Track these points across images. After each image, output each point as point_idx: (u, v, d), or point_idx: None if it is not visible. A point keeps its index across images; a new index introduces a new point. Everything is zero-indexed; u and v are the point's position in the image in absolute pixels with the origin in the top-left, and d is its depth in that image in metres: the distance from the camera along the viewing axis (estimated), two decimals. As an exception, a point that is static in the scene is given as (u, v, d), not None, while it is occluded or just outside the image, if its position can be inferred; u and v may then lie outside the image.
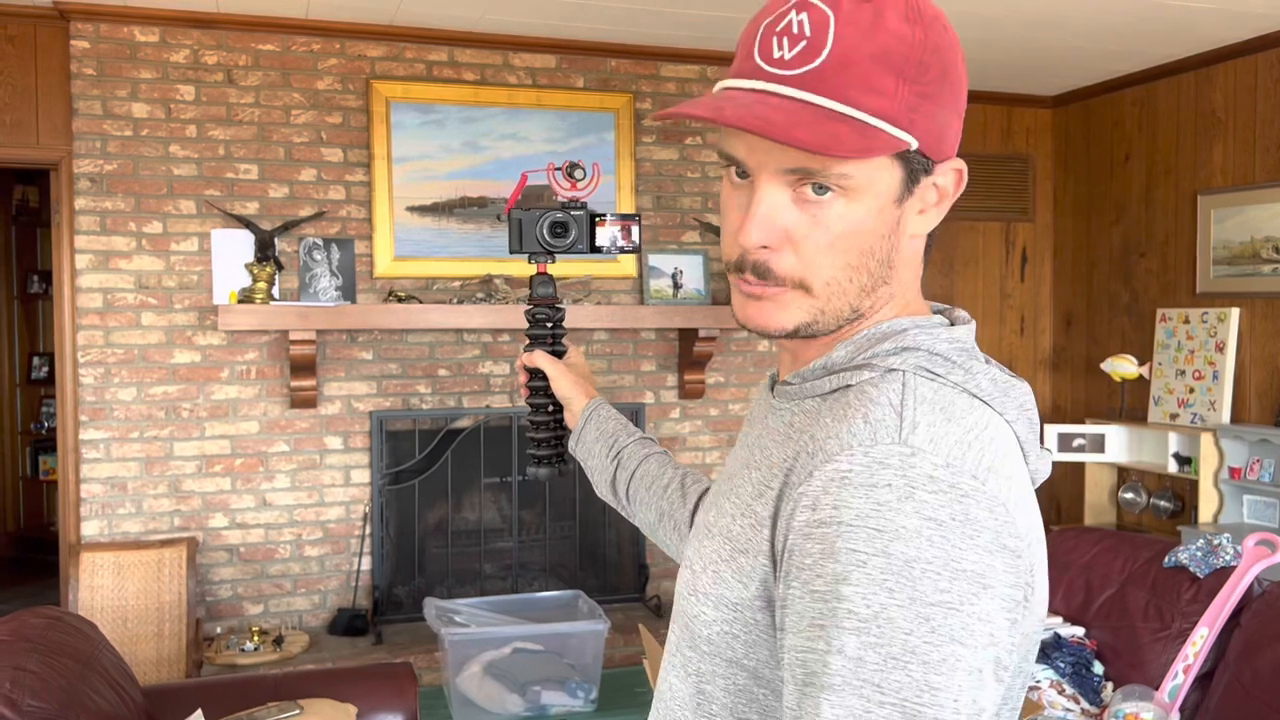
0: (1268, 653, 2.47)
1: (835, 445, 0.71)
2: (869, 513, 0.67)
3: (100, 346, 3.74)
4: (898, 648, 0.65)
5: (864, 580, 0.66)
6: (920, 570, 0.66)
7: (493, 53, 4.11)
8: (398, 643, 3.81)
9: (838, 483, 0.69)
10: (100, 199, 3.73)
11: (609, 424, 1.30)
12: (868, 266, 0.78)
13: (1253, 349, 4.19)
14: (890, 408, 0.72)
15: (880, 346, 0.78)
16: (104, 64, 3.71)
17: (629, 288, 4.29)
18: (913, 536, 0.66)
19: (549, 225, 1.29)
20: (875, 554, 0.66)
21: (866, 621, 0.65)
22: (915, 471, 0.68)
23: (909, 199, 0.78)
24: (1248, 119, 4.21)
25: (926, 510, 0.67)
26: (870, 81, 0.72)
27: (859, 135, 0.72)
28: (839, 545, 0.67)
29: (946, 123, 0.77)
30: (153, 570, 3.64)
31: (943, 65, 0.75)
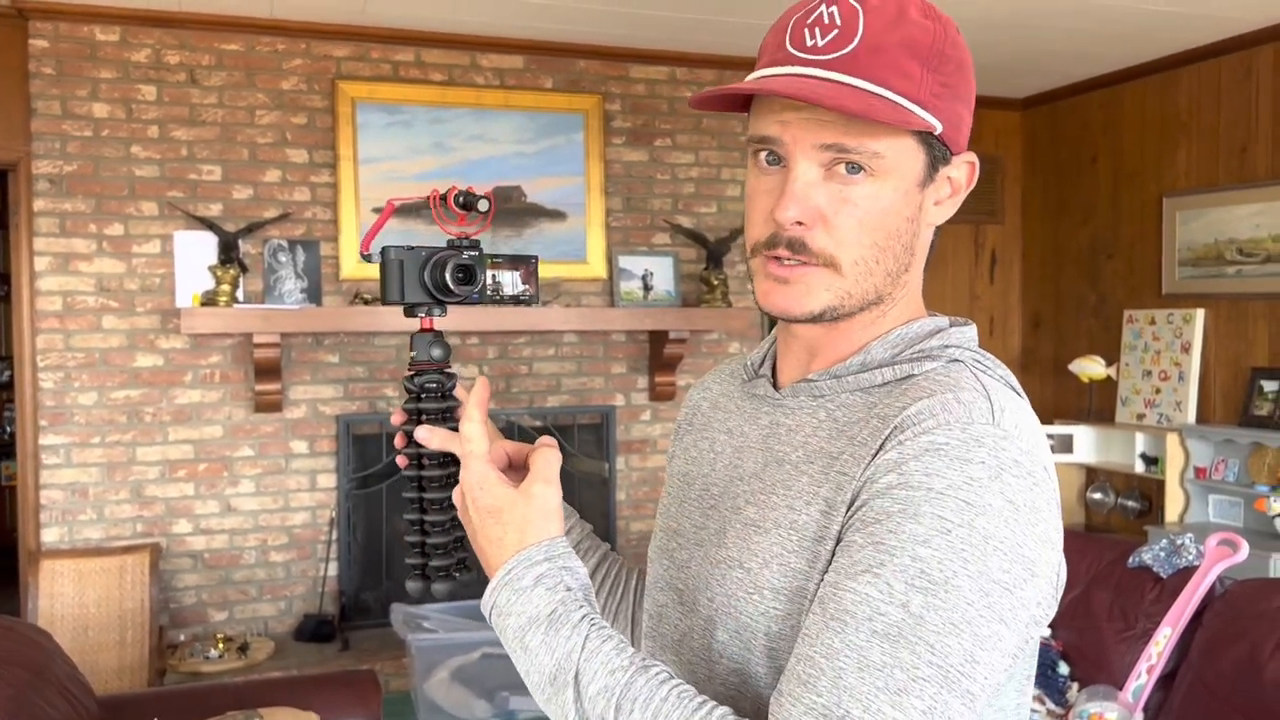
0: (1229, 652, 2.49)
1: (930, 421, 0.74)
2: (961, 484, 0.71)
3: (60, 350, 3.68)
4: (959, 615, 0.69)
5: (944, 546, 0.69)
6: (993, 548, 0.70)
7: (460, 53, 4.08)
8: (365, 649, 3.78)
9: (931, 452, 0.72)
10: (60, 200, 3.67)
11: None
12: (893, 250, 0.81)
13: (1217, 350, 4.23)
14: (977, 392, 0.77)
15: (927, 343, 0.82)
16: (63, 63, 3.66)
17: (599, 290, 4.28)
18: (995, 515, 0.71)
19: (453, 269, 1.01)
20: (961, 525, 0.70)
21: (936, 584, 0.69)
22: (1005, 454, 0.73)
23: (930, 186, 0.82)
24: (1211, 122, 4.24)
25: (1009, 492, 0.72)
26: (899, 66, 0.78)
27: (894, 110, 0.77)
28: (925, 509, 0.70)
29: (962, 115, 0.82)
30: (114, 577, 3.59)
31: (959, 59, 0.81)
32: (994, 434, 0.73)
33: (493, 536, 0.84)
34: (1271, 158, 4.01)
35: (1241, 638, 2.48)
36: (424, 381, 1.02)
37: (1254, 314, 4.09)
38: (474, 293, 1.03)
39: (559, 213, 4.21)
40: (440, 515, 1.02)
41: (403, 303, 1.03)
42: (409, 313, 1.04)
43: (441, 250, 1.02)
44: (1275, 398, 3.93)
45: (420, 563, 1.03)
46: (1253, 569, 3.19)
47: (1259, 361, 4.06)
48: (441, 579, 1.02)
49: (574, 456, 4.32)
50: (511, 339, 4.18)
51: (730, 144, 4.47)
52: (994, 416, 0.75)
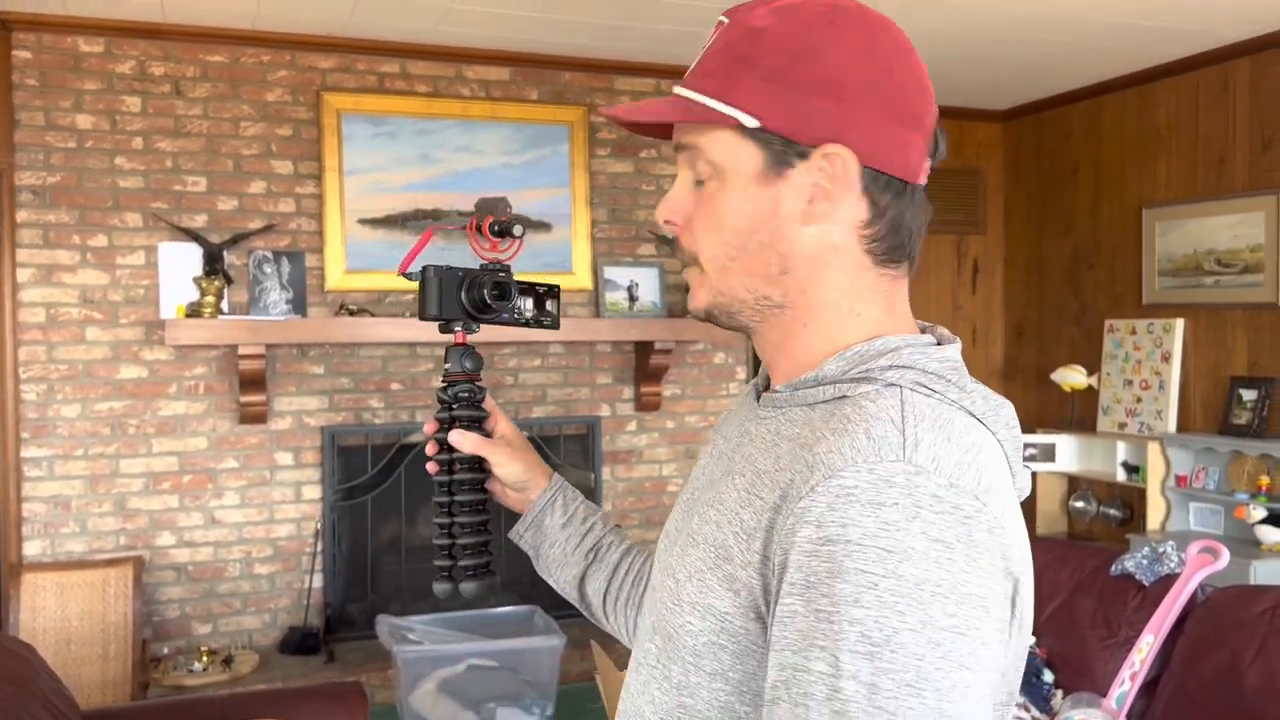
0: (1211, 659, 2.51)
1: (839, 460, 0.70)
2: (877, 532, 0.66)
3: (43, 362, 3.66)
4: (911, 674, 0.64)
5: (875, 603, 0.65)
6: (930, 593, 0.65)
7: (446, 65, 4.09)
8: (350, 661, 3.76)
9: (843, 499, 0.68)
10: (43, 211, 3.66)
11: (579, 509, 1.15)
12: (748, 248, 0.81)
13: (1197, 359, 4.28)
14: (892, 424, 0.72)
15: (876, 362, 0.78)
16: (47, 74, 3.65)
17: (584, 300, 4.29)
18: (921, 558, 0.66)
19: (491, 287, 1.09)
20: (885, 575, 0.65)
21: (879, 645, 0.64)
22: (920, 491, 0.68)
23: (780, 182, 0.80)
24: (1189, 134, 4.30)
25: (933, 531, 0.67)
26: (709, 68, 0.81)
27: (679, 109, 0.81)
28: (848, 565, 0.66)
29: (812, 104, 0.78)
30: (97, 591, 3.57)
31: (801, 50, 0.78)
32: (904, 470, 0.69)
33: None
34: (1248, 169, 4.06)
35: (1222, 645, 2.51)
36: (457, 391, 1.10)
37: (1232, 323, 4.14)
38: (508, 308, 1.11)
39: (544, 224, 4.22)
40: (471, 517, 1.10)
41: (440, 318, 1.10)
42: (445, 328, 1.11)
43: (477, 271, 1.11)
44: (1254, 406, 3.97)
45: (448, 564, 1.09)
46: (1233, 576, 3.22)
47: (1238, 371, 4.11)
48: (470, 578, 1.09)
49: (560, 467, 4.32)
50: (497, 349, 4.18)
51: (715, 155, 4.48)
52: (904, 452, 0.70)
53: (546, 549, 1.14)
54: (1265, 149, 3.99)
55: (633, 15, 3.66)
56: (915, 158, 0.82)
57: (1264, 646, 2.43)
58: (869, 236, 0.81)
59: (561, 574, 1.14)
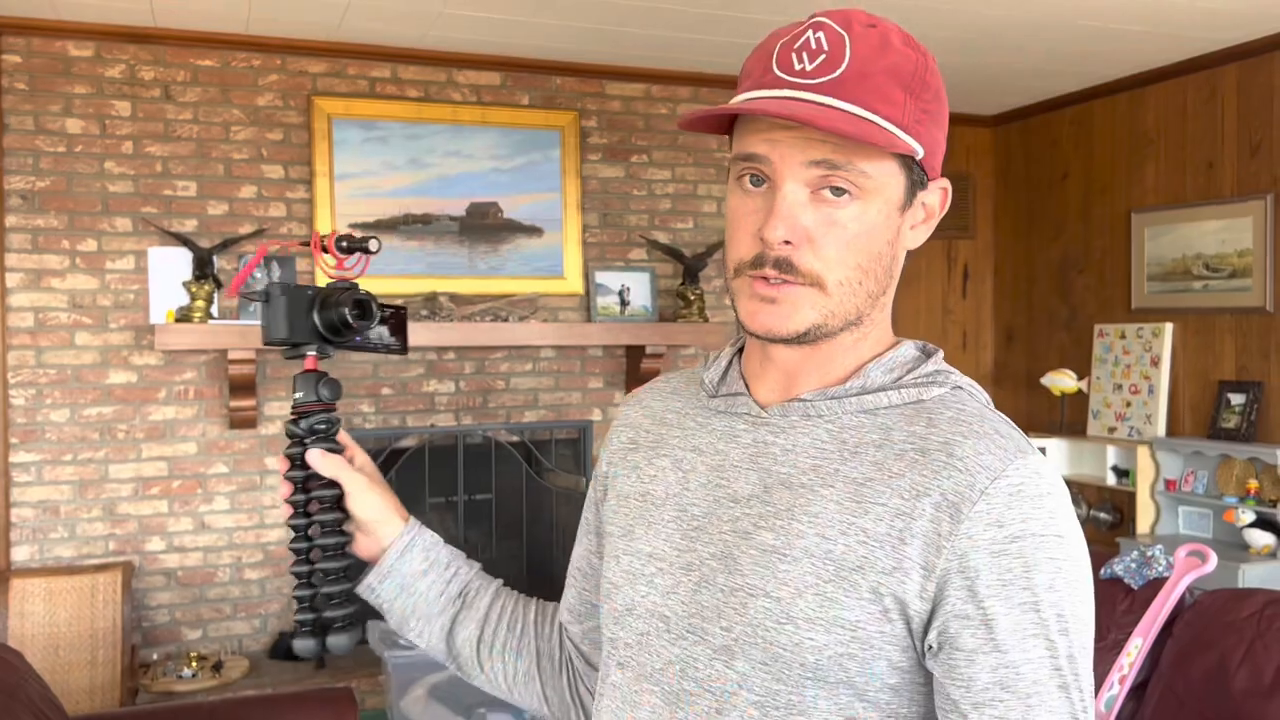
0: (1199, 662, 2.52)
1: (995, 461, 0.77)
2: (1048, 520, 0.76)
3: (32, 367, 3.65)
4: (1085, 638, 0.76)
5: (1064, 584, 0.75)
6: (1085, 567, 0.78)
7: (436, 70, 4.10)
8: (340, 667, 3.75)
9: (1015, 496, 0.75)
10: (32, 216, 3.65)
11: (441, 553, 1.04)
12: (875, 272, 0.84)
13: (1186, 363, 4.29)
14: (1004, 422, 0.82)
15: (925, 367, 0.85)
16: (36, 79, 3.64)
17: (576, 305, 4.29)
18: (1072, 537, 0.77)
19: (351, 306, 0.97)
20: (1064, 558, 0.75)
21: (1070, 620, 0.75)
22: (1049, 479, 0.78)
23: (910, 211, 0.85)
24: (1177, 139, 4.32)
25: (1066, 511, 0.78)
26: (885, 92, 0.80)
27: (882, 133, 0.79)
28: (1039, 556, 0.74)
29: (939, 141, 0.85)
30: (86, 596, 3.55)
31: (937, 88, 0.84)
32: (1038, 463, 0.79)
33: None
34: (1236, 174, 4.08)
35: (1211, 648, 2.52)
36: (312, 423, 0.98)
37: (1221, 328, 4.15)
38: (369, 327, 1.00)
39: (536, 229, 4.22)
40: (334, 563, 0.97)
41: (289, 341, 0.98)
42: (292, 353, 0.99)
43: (328, 289, 0.99)
44: (1242, 410, 3.99)
45: (312, 619, 0.96)
46: (1222, 579, 3.23)
47: (1226, 375, 4.12)
48: (338, 631, 0.96)
49: (551, 472, 4.32)
50: (488, 354, 4.18)
51: (706, 160, 4.50)
52: (1028, 445, 0.80)
53: (404, 600, 1.01)
54: (1253, 154, 4.01)
55: (623, 20, 3.67)
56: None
57: (1252, 649, 2.44)
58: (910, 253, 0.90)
59: (424, 626, 1.03)
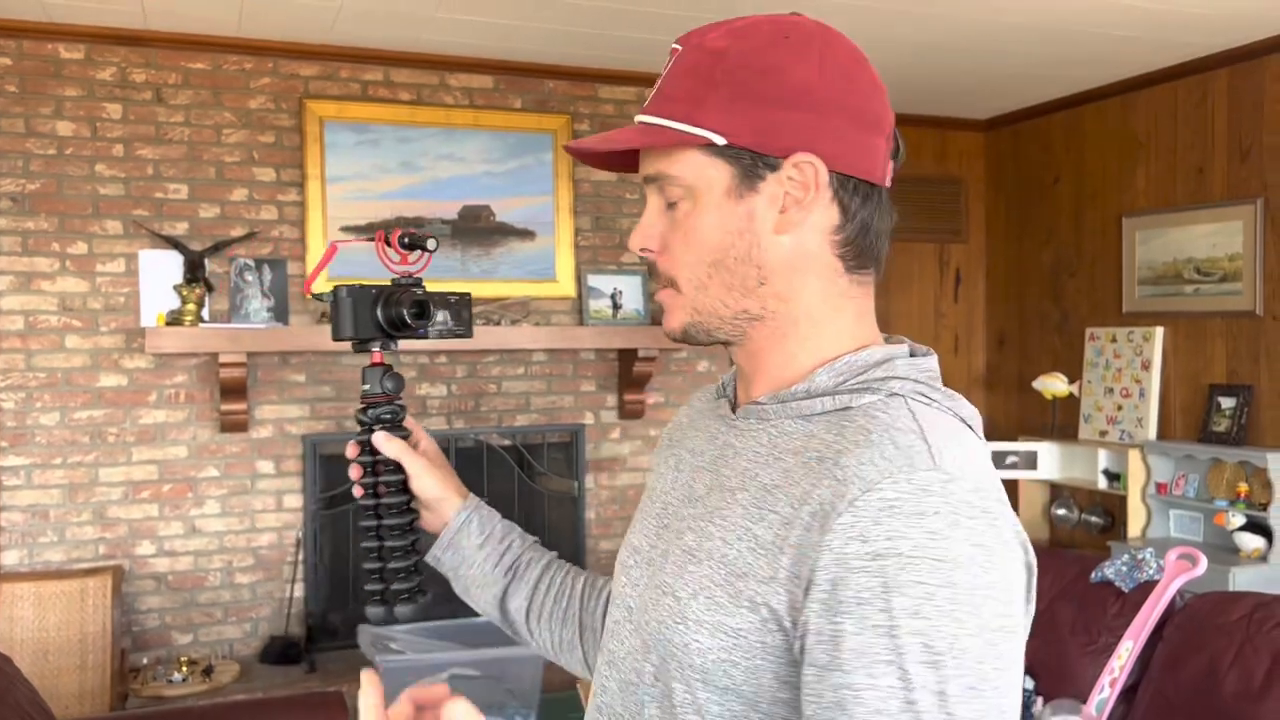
0: (1189, 664, 2.52)
1: (873, 472, 0.71)
2: (925, 542, 0.68)
3: (21, 370, 3.64)
4: (974, 677, 0.67)
5: (934, 613, 0.67)
6: (982, 597, 0.68)
7: (429, 73, 4.09)
8: (332, 670, 3.74)
9: (886, 512, 0.69)
10: (22, 219, 3.63)
11: (497, 527, 1.12)
12: (725, 264, 0.83)
13: (1177, 367, 4.31)
14: (914, 433, 0.74)
15: (871, 373, 0.80)
16: (26, 81, 3.63)
17: (568, 308, 4.29)
18: (969, 564, 0.68)
19: (411, 305, 1.04)
20: (942, 585, 0.67)
21: (943, 654, 0.67)
22: (956, 498, 0.70)
23: (752, 195, 0.82)
24: (1168, 143, 4.33)
25: (974, 537, 0.70)
26: (677, 92, 0.83)
27: (650, 135, 0.84)
28: (903, 578, 0.68)
29: (774, 119, 0.80)
30: (76, 600, 3.54)
31: (761, 67, 0.80)
32: (939, 479, 0.71)
33: None
34: (1227, 179, 4.10)
35: (1201, 651, 2.52)
36: (378, 414, 1.06)
37: (1211, 332, 4.17)
38: (426, 326, 1.07)
39: (528, 232, 4.22)
40: (399, 540, 1.06)
41: (355, 338, 1.06)
42: (360, 348, 1.07)
43: (391, 288, 1.06)
44: (1232, 414, 4.00)
45: (380, 589, 1.06)
46: (1212, 583, 3.24)
47: (1216, 378, 4.14)
48: (404, 602, 1.05)
49: (543, 475, 4.31)
50: (480, 358, 4.18)
51: (698, 164, 4.50)
52: (934, 460, 0.72)
53: (464, 570, 1.10)
54: (1244, 159, 4.03)
55: (616, 24, 3.67)
56: (880, 161, 0.84)
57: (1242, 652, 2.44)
58: (840, 242, 0.83)
59: (481, 594, 1.11)
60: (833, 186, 0.82)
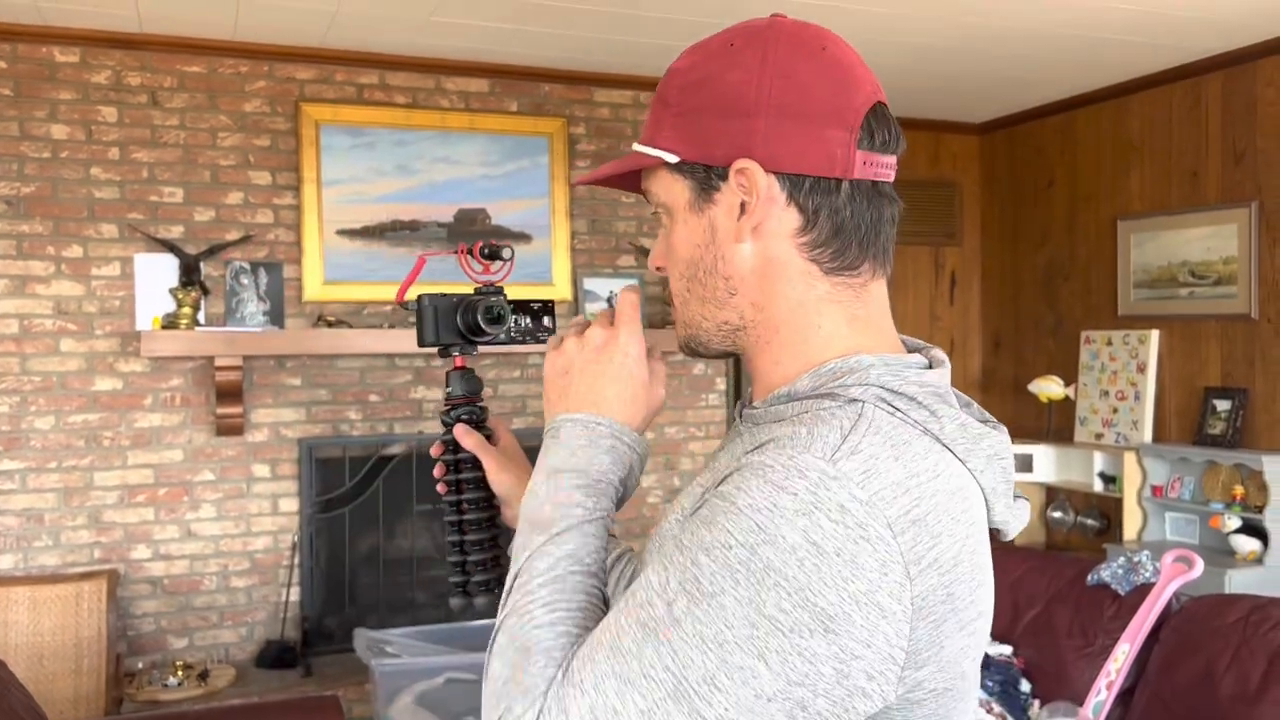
0: (1186, 667, 2.53)
1: (772, 447, 0.72)
2: (764, 508, 0.68)
3: (16, 374, 3.63)
4: (711, 632, 0.67)
5: (721, 560, 0.68)
6: (774, 581, 0.66)
7: (424, 76, 4.09)
8: (328, 675, 3.73)
9: (753, 470, 0.70)
10: (16, 222, 3.63)
11: None
12: (698, 277, 0.85)
13: (1172, 370, 4.32)
14: (838, 430, 0.72)
15: (845, 379, 0.78)
16: (21, 84, 3.62)
17: (564, 312, 4.28)
18: (786, 550, 0.66)
19: (484, 311, 1.12)
20: (743, 546, 0.67)
21: (703, 595, 0.68)
22: (827, 494, 0.67)
23: (710, 208, 0.83)
24: (1162, 147, 4.35)
25: (815, 534, 0.67)
26: (649, 116, 0.86)
27: (628, 161, 0.87)
28: (720, 521, 0.69)
29: (712, 128, 0.80)
30: (71, 605, 3.52)
31: (699, 80, 0.81)
32: (822, 469, 0.68)
33: (594, 385, 0.90)
34: (1221, 182, 4.11)
35: (1197, 653, 2.53)
36: (459, 414, 1.11)
37: (1206, 335, 4.18)
38: (502, 332, 1.14)
39: (524, 235, 4.22)
40: (480, 534, 1.11)
41: (438, 343, 1.12)
42: (444, 353, 1.14)
43: (471, 296, 1.13)
44: (1228, 417, 4.01)
45: (463, 580, 1.11)
46: (1208, 585, 3.25)
47: (1212, 381, 4.15)
48: (484, 593, 1.11)
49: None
50: (475, 362, 4.17)
51: (694, 167, 4.50)
52: (833, 455, 0.69)
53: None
54: (1237, 162, 4.04)
55: (611, 28, 3.68)
56: (839, 151, 0.78)
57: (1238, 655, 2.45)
58: (808, 244, 0.81)
59: None
60: (785, 189, 0.79)
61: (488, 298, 1.12)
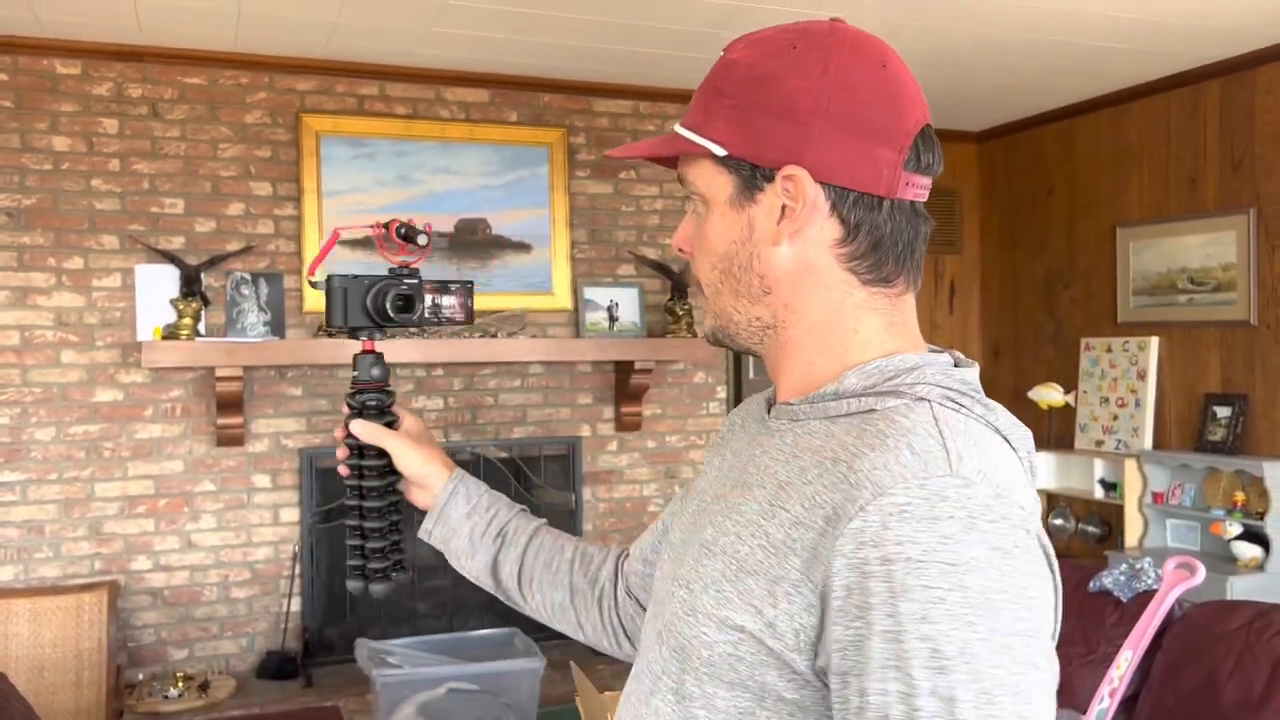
0: (1188, 674, 2.52)
1: (886, 477, 0.70)
2: (937, 546, 0.67)
3: (17, 385, 3.63)
4: (988, 682, 0.66)
5: (944, 617, 0.66)
6: (998, 601, 0.67)
7: (425, 87, 4.10)
8: (329, 685, 3.72)
9: (897, 517, 0.69)
10: (18, 234, 3.63)
11: (483, 497, 1.16)
12: (731, 271, 0.85)
13: (1172, 376, 4.32)
14: (933, 438, 0.73)
15: (902, 378, 0.79)
16: (22, 96, 3.63)
17: (565, 320, 4.29)
18: (985, 567, 0.67)
19: (393, 298, 1.09)
20: (952, 588, 0.66)
21: (953, 659, 0.66)
22: (973, 502, 0.69)
23: (752, 207, 0.83)
24: (1161, 154, 4.36)
25: (991, 540, 0.69)
26: (696, 102, 0.86)
27: (669, 144, 0.86)
28: (910, 582, 0.67)
29: (768, 129, 0.81)
30: (71, 616, 3.52)
31: (759, 78, 0.81)
32: (954, 484, 0.70)
33: None
34: (1219, 189, 4.12)
35: (1200, 660, 2.52)
36: (365, 400, 1.11)
37: (1206, 341, 4.18)
38: (412, 320, 1.12)
39: (524, 245, 4.23)
40: (378, 521, 1.12)
41: (346, 327, 1.11)
42: (352, 335, 1.12)
43: (383, 279, 1.11)
44: (1228, 423, 4.01)
45: (361, 563, 1.13)
46: (1210, 592, 3.25)
47: (1212, 388, 4.15)
48: (379, 580, 1.12)
49: (540, 488, 4.31)
50: (477, 370, 4.17)
51: (694, 176, 4.51)
52: (951, 466, 0.71)
53: (455, 542, 1.15)
54: (1235, 169, 4.05)
55: (609, 38, 3.69)
56: (886, 171, 0.81)
57: (1241, 661, 2.44)
58: (846, 255, 0.82)
59: (472, 563, 1.16)
60: (830, 199, 0.81)
61: (400, 282, 1.11)
